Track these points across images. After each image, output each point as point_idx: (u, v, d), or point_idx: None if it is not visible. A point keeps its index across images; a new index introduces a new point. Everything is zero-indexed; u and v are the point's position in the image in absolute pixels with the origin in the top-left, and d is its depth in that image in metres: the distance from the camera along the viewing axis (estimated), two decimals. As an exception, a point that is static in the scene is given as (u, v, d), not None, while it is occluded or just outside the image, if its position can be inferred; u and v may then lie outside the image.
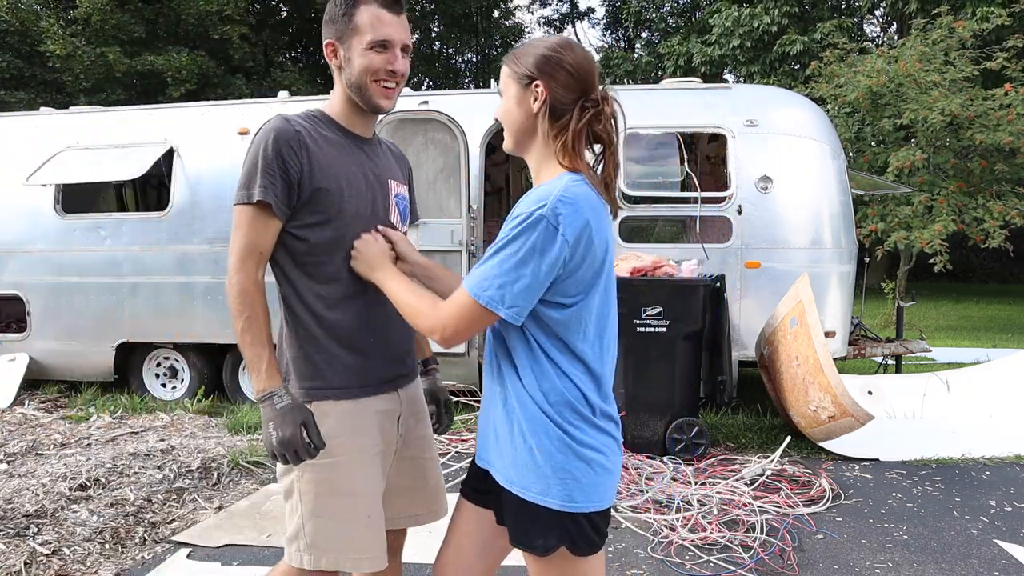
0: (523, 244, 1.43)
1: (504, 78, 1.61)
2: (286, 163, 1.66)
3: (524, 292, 1.45)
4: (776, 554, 3.23)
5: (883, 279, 11.60)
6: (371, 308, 1.77)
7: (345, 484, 1.70)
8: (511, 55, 1.63)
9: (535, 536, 1.52)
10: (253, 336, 1.65)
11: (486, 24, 27.92)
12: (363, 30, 1.69)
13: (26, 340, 6.18)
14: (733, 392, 4.96)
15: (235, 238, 1.68)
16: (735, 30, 15.80)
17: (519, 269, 1.44)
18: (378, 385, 1.79)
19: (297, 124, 1.70)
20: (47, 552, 3.17)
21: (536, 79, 1.55)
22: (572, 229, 1.43)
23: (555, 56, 1.55)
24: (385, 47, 1.71)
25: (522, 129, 1.60)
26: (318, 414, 1.70)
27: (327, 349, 1.73)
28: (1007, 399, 5.41)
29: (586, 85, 1.56)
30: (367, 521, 1.72)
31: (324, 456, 1.68)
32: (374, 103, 1.74)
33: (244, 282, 1.65)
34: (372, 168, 1.82)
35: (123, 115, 6.62)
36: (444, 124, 5.45)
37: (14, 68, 15.37)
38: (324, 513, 1.69)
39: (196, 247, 5.87)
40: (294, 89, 16.07)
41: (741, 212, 5.37)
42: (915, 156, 9.47)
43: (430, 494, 1.94)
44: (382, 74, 1.72)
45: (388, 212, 1.85)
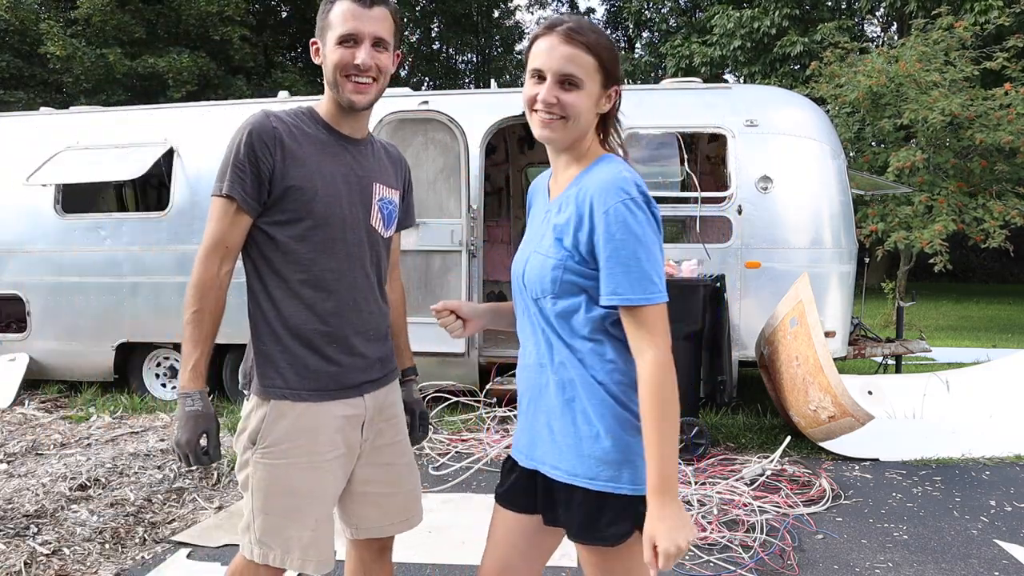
0: (630, 230, 1.43)
1: (588, 68, 1.49)
2: (258, 158, 1.65)
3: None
4: (776, 554, 3.23)
5: (883, 279, 11.60)
6: (338, 311, 1.75)
7: (296, 485, 1.70)
8: (595, 41, 1.49)
9: (606, 526, 1.48)
10: (193, 331, 1.65)
11: (486, 24, 27.92)
12: (334, 25, 1.69)
13: (26, 340, 6.18)
14: (733, 392, 4.96)
15: (206, 229, 1.69)
16: (736, 31, 15.80)
17: (657, 254, 1.46)
18: (341, 390, 1.76)
19: (277, 120, 1.69)
20: (47, 552, 3.16)
21: (618, 84, 1.54)
22: (653, 203, 1.48)
23: (618, 56, 1.54)
24: (353, 41, 1.68)
25: (587, 128, 1.55)
26: (275, 414, 1.70)
27: (289, 349, 1.72)
28: (1007, 399, 5.41)
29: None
30: (314, 524, 1.72)
31: (275, 456, 1.69)
32: (346, 99, 1.72)
33: (202, 275, 1.66)
34: (356, 169, 1.79)
35: (123, 115, 6.62)
36: (444, 124, 5.45)
37: (14, 68, 15.37)
38: (272, 511, 1.70)
39: (196, 247, 5.80)
40: (294, 90, 16.06)
41: (741, 212, 5.37)
42: (915, 156, 9.47)
43: (403, 501, 1.90)
44: (350, 69, 1.69)
45: (369, 216, 1.81)
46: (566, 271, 1.49)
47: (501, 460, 1.86)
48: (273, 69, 18.48)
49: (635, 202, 1.44)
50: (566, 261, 1.49)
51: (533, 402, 1.60)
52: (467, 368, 5.61)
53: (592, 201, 1.46)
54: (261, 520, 1.71)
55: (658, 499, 1.40)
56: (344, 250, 1.75)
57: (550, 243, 1.53)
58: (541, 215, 1.63)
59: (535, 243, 1.59)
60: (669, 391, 1.43)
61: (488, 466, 4.36)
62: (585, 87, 1.49)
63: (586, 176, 1.52)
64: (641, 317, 1.44)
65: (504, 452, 4.54)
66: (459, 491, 4.02)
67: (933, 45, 10.12)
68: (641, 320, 1.44)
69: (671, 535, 1.37)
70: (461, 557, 3.17)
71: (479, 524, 3.70)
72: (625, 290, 1.43)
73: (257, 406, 1.73)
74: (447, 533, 3.40)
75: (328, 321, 1.73)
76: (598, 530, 1.49)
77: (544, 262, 1.52)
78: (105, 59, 14.72)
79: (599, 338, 1.51)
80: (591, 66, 1.49)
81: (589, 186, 1.49)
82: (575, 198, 1.51)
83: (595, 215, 1.45)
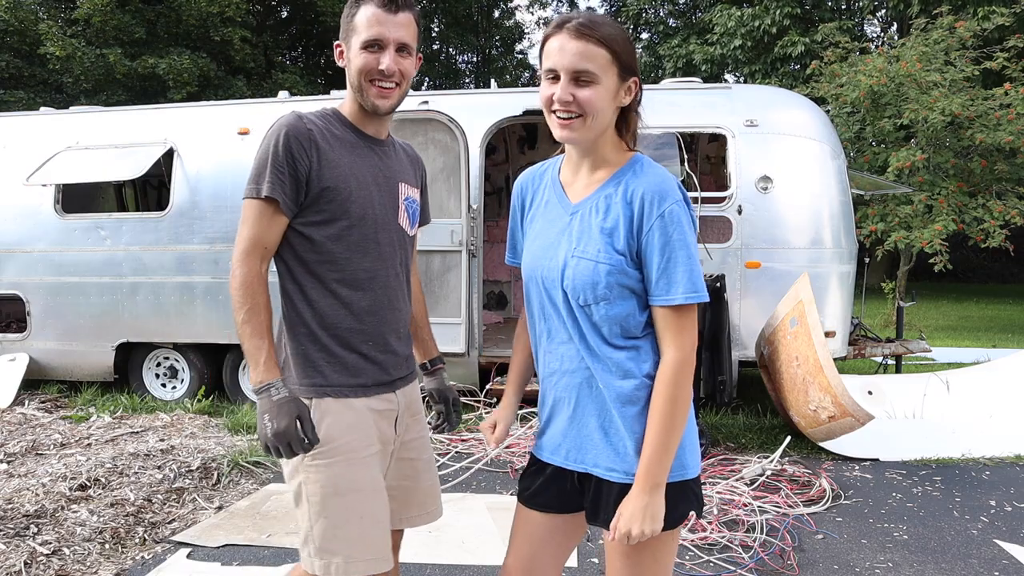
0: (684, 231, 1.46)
1: (602, 62, 1.46)
2: (295, 160, 1.66)
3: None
4: (776, 554, 3.23)
5: (883, 279, 11.60)
6: (373, 309, 1.77)
7: (345, 483, 1.69)
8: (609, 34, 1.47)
9: (667, 512, 1.51)
10: (253, 328, 1.64)
11: (486, 24, 27.93)
12: (359, 30, 1.70)
13: (26, 340, 6.18)
14: (733, 392, 4.96)
15: (242, 231, 1.68)
16: (737, 30, 15.80)
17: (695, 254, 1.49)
18: (377, 386, 1.78)
19: (310, 122, 1.70)
20: (47, 552, 3.16)
21: (636, 75, 1.52)
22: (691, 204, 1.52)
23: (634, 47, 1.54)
24: (378, 47, 1.70)
25: (608, 124, 1.53)
26: (317, 412, 1.70)
27: (327, 348, 1.73)
28: (1007, 399, 5.41)
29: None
30: (372, 519, 1.72)
31: (325, 456, 1.68)
32: (370, 103, 1.74)
33: (247, 275, 1.65)
34: (383, 170, 1.82)
35: (123, 115, 6.62)
36: (444, 124, 5.45)
37: (13, 68, 15.37)
38: (330, 514, 1.68)
39: (196, 247, 5.88)
40: (294, 90, 16.07)
41: (741, 212, 5.37)
42: (915, 156, 9.47)
43: (423, 496, 1.94)
44: (375, 74, 1.71)
45: (397, 215, 1.84)
46: (621, 274, 1.49)
47: (501, 460, 1.87)
48: (273, 69, 18.47)
49: (683, 204, 1.48)
50: (621, 265, 1.49)
51: (579, 407, 1.58)
52: (467, 368, 5.61)
53: (645, 202, 1.48)
54: (320, 525, 1.68)
55: (647, 489, 1.47)
56: (377, 250, 1.78)
57: (599, 246, 1.50)
58: (562, 216, 1.59)
59: (569, 246, 1.54)
60: (685, 392, 1.49)
61: (488, 466, 4.36)
62: (601, 82, 1.47)
63: (630, 177, 1.52)
64: (680, 316, 1.48)
65: (504, 452, 4.54)
66: (459, 491, 4.02)
67: (933, 45, 10.12)
68: (678, 319, 1.48)
69: (639, 521, 1.46)
70: (461, 557, 3.17)
71: (479, 524, 3.70)
72: (678, 290, 1.46)
73: None
74: (447, 533, 3.40)
75: (364, 319, 1.76)
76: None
77: (595, 267, 1.50)
78: (105, 59, 14.71)
79: (645, 335, 1.54)
80: (604, 59, 1.46)
81: (639, 187, 1.49)
82: (623, 199, 1.50)
83: (650, 217, 1.47)
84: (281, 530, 3.51)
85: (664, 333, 1.50)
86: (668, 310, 1.48)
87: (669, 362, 1.48)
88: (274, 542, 3.38)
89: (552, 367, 1.61)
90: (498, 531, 3.41)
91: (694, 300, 1.46)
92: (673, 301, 1.47)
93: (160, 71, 15.00)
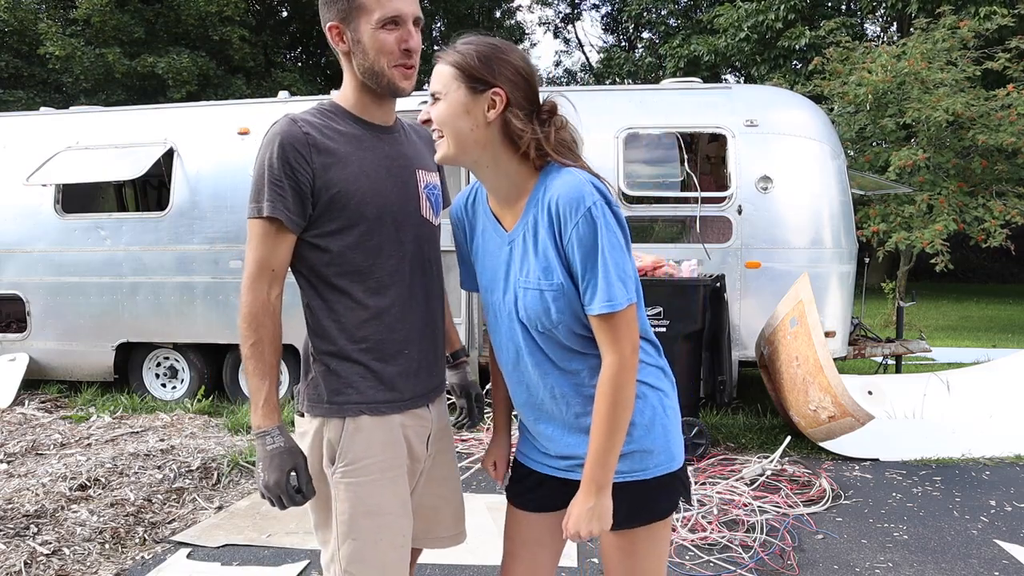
0: (601, 237, 1.42)
1: (446, 79, 1.48)
2: (295, 171, 1.52)
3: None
4: (776, 554, 3.23)
5: (883, 279, 11.59)
6: (403, 318, 1.64)
7: (375, 503, 1.60)
8: (455, 52, 1.49)
9: (658, 503, 1.55)
10: (255, 366, 1.54)
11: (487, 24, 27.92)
12: (370, 7, 1.53)
13: (26, 340, 6.18)
14: (733, 392, 4.96)
15: (247, 254, 1.56)
16: (742, 23, 15.80)
17: (624, 251, 1.47)
18: (410, 400, 1.67)
19: (305, 124, 1.55)
20: (47, 552, 3.17)
21: (496, 85, 1.47)
22: (614, 202, 1.48)
23: (510, 60, 1.49)
24: (397, 23, 1.54)
25: (475, 139, 1.50)
26: (352, 429, 1.60)
27: (360, 362, 1.61)
28: (1007, 399, 5.41)
29: (536, 92, 1.52)
30: (402, 541, 1.63)
31: (357, 475, 1.59)
32: (393, 86, 1.59)
33: (252, 304, 1.54)
34: (397, 159, 1.66)
35: (123, 115, 6.62)
36: (444, 124, 5.44)
37: (13, 68, 15.38)
38: (359, 535, 1.58)
39: (196, 247, 5.87)
40: (294, 89, 16.06)
41: (741, 212, 5.37)
42: (917, 155, 9.47)
43: (452, 518, 1.84)
44: (397, 54, 1.56)
45: (419, 206, 1.68)
46: (566, 295, 1.48)
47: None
48: (273, 69, 18.46)
49: (600, 207, 1.43)
50: (562, 287, 1.48)
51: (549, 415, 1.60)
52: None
53: (560, 214, 1.45)
54: (348, 547, 1.58)
55: (592, 491, 1.48)
56: (401, 250, 1.63)
57: (539, 273, 1.49)
58: (502, 246, 1.58)
59: (515, 277, 1.54)
60: (625, 395, 1.47)
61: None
62: (445, 97, 1.49)
63: (543, 192, 1.49)
64: (609, 324, 1.46)
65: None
66: (459, 491, 4.01)
67: (934, 45, 10.11)
68: (608, 326, 1.46)
69: (587, 522, 1.48)
70: (461, 557, 3.17)
71: (479, 524, 3.70)
72: (596, 300, 1.44)
73: (324, 426, 1.61)
74: (447, 533, 3.40)
75: (395, 327, 1.63)
76: (650, 510, 1.55)
77: (541, 295, 1.49)
78: (105, 59, 14.70)
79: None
80: (448, 75, 1.48)
81: (552, 199, 1.46)
82: (545, 216, 1.48)
83: (567, 227, 1.44)
84: (281, 530, 3.51)
85: (600, 340, 1.48)
86: (596, 319, 1.46)
87: (607, 368, 1.47)
88: (274, 542, 3.38)
89: (518, 380, 1.61)
90: (498, 531, 3.39)
91: (609, 311, 1.43)
92: (592, 311, 1.45)
93: (159, 70, 14.99)
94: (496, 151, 1.51)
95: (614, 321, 1.45)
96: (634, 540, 1.56)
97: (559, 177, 1.47)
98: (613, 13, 27.33)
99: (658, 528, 1.57)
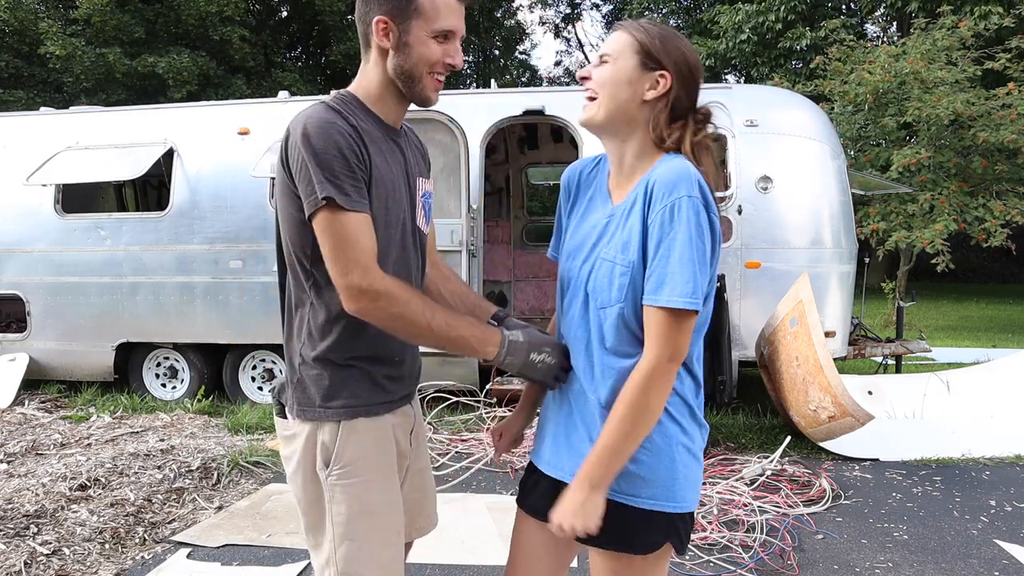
0: (688, 228, 1.36)
1: (622, 46, 1.49)
2: (360, 161, 1.49)
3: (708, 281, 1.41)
4: (776, 554, 3.23)
5: (883, 279, 11.59)
6: None
7: (372, 503, 1.59)
8: (639, 26, 1.51)
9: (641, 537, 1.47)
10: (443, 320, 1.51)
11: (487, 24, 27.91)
12: (428, 15, 1.52)
13: (26, 340, 6.18)
14: (733, 392, 4.96)
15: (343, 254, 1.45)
16: (743, 24, 15.80)
17: (704, 258, 1.38)
18: (399, 400, 1.69)
19: (350, 116, 1.52)
20: (47, 552, 3.17)
21: (665, 69, 1.48)
22: (715, 211, 1.41)
23: (685, 53, 1.49)
24: (448, 37, 1.55)
25: (627, 112, 1.49)
26: (347, 432, 1.58)
27: (352, 365, 1.59)
28: (1007, 399, 5.41)
29: (697, 91, 1.52)
30: (396, 538, 1.63)
31: (352, 475, 1.58)
32: (424, 96, 1.58)
33: (382, 282, 1.47)
34: (406, 166, 1.64)
35: (123, 115, 6.63)
36: (444, 124, 5.45)
37: (13, 68, 15.38)
38: (356, 536, 1.57)
39: (196, 247, 5.87)
40: (294, 89, 16.06)
41: (741, 212, 5.37)
42: (919, 154, 9.47)
43: (430, 506, 1.89)
44: (439, 67, 1.56)
45: (415, 215, 1.67)
46: (633, 277, 1.43)
47: (502, 460, 1.86)
48: (273, 69, 18.46)
49: (697, 201, 1.37)
50: (635, 266, 1.43)
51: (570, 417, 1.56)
52: (467, 368, 5.61)
53: (655, 191, 1.41)
54: (346, 548, 1.57)
55: (584, 486, 1.42)
56: (399, 256, 1.62)
57: (619, 247, 1.45)
58: (602, 218, 1.55)
59: (599, 249, 1.51)
60: (652, 400, 1.39)
61: (488, 466, 4.35)
62: (615, 62, 1.49)
63: (652, 171, 1.46)
64: (664, 320, 1.37)
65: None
66: (459, 491, 4.01)
67: (933, 44, 10.12)
68: (661, 322, 1.38)
69: (571, 516, 1.41)
70: (461, 557, 3.17)
71: (479, 524, 3.70)
72: (664, 291, 1.37)
73: (318, 429, 1.59)
74: (447, 533, 3.39)
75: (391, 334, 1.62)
76: (627, 541, 1.47)
77: (612, 268, 1.45)
78: (105, 59, 14.71)
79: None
80: (625, 43, 1.49)
81: (654, 178, 1.43)
82: (642, 196, 1.44)
83: (655, 206, 1.40)
84: (281, 530, 3.51)
85: (647, 334, 1.40)
86: (653, 310, 1.38)
87: (642, 365, 1.39)
88: (274, 542, 3.38)
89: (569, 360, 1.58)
90: (498, 531, 3.40)
91: (678, 306, 1.35)
92: (657, 302, 1.37)
93: (160, 70, 15.00)
94: (637, 130, 1.51)
95: (671, 319, 1.37)
96: (619, 566, 1.49)
97: (673, 162, 1.45)
98: (614, 12, 27.33)
99: (648, 562, 1.49)
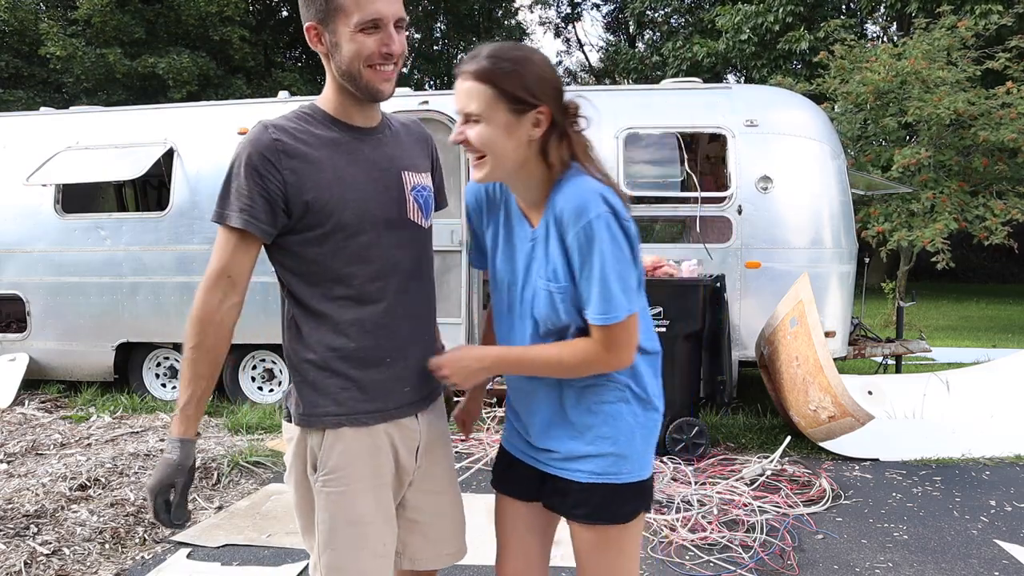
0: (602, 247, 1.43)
1: (485, 100, 1.44)
2: (263, 179, 1.49)
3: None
4: (776, 554, 3.23)
5: (883, 279, 11.58)
6: (386, 325, 1.60)
7: (355, 514, 1.57)
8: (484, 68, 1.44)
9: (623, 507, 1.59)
10: (187, 370, 1.53)
11: (487, 24, 27.90)
12: (348, 10, 1.46)
13: (26, 340, 6.18)
14: (733, 392, 4.96)
15: (211, 257, 1.55)
16: (743, 24, 15.80)
17: (627, 263, 1.47)
18: (396, 409, 1.63)
19: (278, 131, 1.52)
20: (47, 552, 3.17)
21: (539, 104, 1.45)
22: (624, 213, 1.48)
23: (546, 75, 1.48)
24: (377, 26, 1.48)
25: (522, 157, 1.50)
26: (332, 439, 1.57)
27: (337, 372, 1.57)
28: (1007, 399, 5.41)
29: (563, 95, 1.51)
30: (383, 550, 1.60)
31: (337, 483, 1.57)
32: (372, 90, 1.53)
33: (202, 309, 1.52)
34: (379, 162, 1.61)
35: (123, 115, 6.62)
36: (444, 124, 5.45)
37: (13, 68, 15.38)
38: (338, 544, 1.57)
39: (196, 247, 5.87)
40: (294, 89, 16.07)
41: (741, 212, 5.37)
42: (920, 154, 9.47)
43: (451, 532, 1.78)
44: (376, 58, 1.49)
45: (405, 210, 1.64)
46: (571, 297, 1.51)
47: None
48: (273, 69, 18.48)
49: (605, 217, 1.43)
50: (568, 288, 1.51)
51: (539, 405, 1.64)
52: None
53: (565, 220, 1.46)
54: (328, 557, 1.57)
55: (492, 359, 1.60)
56: (384, 255, 1.59)
57: (549, 273, 1.53)
58: (525, 241, 1.59)
59: (534, 273, 1.57)
60: (582, 371, 1.52)
61: (488, 466, 4.35)
62: (487, 120, 1.46)
63: (555, 198, 1.50)
64: (602, 333, 1.48)
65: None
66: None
67: (933, 43, 10.12)
68: (602, 335, 1.48)
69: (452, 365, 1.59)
70: (461, 557, 3.17)
71: (479, 524, 3.69)
72: (590, 309, 1.47)
73: (307, 434, 1.60)
74: (447, 533, 3.40)
75: (379, 335, 1.59)
76: (612, 512, 1.59)
77: (550, 295, 1.53)
78: (105, 59, 14.72)
79: None
80: (486, 96, 1.44)
81: (559, 206, 1.48)
82: (554, 224, 1.50)
83: (568, 234, 1.46)
84: (281, 530, 3.51)
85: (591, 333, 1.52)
86: (594, 327, 1.49)
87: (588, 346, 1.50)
88: (274, 542, 3.38)
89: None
90: (498, 531, 3.40)
91: (602, 323, 1.46)
92: (591, 319, 1.48)
93: (160, 71, 15.01)
94: (530, 163, 1.52)
95: (611, 331, 1.48)
96: (605, 542, 1.60)
97: (572, 183, 1.49)
98: (615, 12, 27.34)
99: (628, 532, 1.61)
